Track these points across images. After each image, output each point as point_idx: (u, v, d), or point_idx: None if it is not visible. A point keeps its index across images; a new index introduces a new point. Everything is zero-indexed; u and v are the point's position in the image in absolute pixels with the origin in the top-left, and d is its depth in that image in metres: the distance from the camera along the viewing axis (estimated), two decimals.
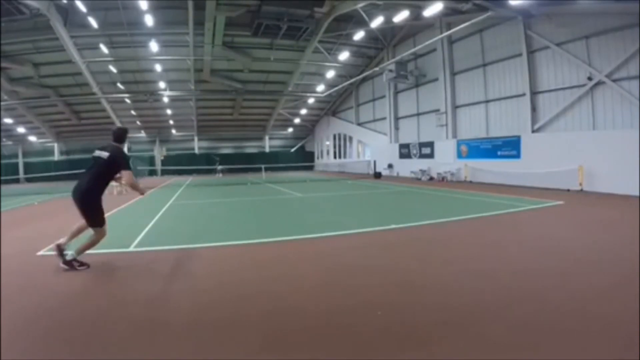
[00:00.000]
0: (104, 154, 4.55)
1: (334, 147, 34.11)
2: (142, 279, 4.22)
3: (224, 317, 3.10)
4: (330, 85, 27.30)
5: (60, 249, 4.48)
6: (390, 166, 24.07)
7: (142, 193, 5.04)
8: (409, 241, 5.74)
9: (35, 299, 3.56)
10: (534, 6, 13.56)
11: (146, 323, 3.00)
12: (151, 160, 32.88)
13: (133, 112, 29.43)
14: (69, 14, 18.14)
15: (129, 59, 22.27)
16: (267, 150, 36.96)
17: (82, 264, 4.51)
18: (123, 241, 5.92)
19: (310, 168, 36.59)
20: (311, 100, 31.13)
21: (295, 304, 3.36)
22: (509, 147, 15.67)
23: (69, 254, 4.49)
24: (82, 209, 4.59)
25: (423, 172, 20.18)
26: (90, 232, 4.63)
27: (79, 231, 4.68)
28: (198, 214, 9.57)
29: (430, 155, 20.48)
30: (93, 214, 4.60)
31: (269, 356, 2.46)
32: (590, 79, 12.89)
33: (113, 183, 4.86)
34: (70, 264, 4.45)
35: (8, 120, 27.53)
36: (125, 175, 4.56)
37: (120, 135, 4.78)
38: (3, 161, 28.78)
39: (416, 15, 17.77)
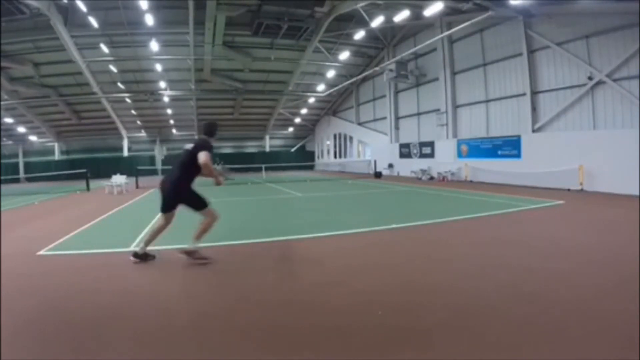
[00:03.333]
0: (189, 146, 4.66)
1: (335, 146, 34.11)
2: (142, 278, 4.22)
3: (219, 317, 3.10)
4: (330, 84, 27.30)
5: (187, 252, 4.62)
6: (390, 166, 24.06)
7: (218, 182, 4.79)
8: (409, 241, 5.75)
9: (35, 299, 3.56)
10: (534, 6, 13.54)
11: (144, 322, 3.00)
12: (152, 160, 32.84)
13: (133, 112, 29.42)
14: (69, 14, 18.15)
15: (130, 59, 22.28)
16: (267, 149, 36.95)
17: (202, 257, 4.60)
18: (123, 241, 5.92)
19: (311, 168, 36.57)
20: (311, 100, 31.12)
21: (293, 304, 3.36)
22: (510, 146, 15.66)
23: (190, 246, 4.58)
24: (175, 200, 4.62)
25: (423, 171, 20.17)
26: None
27: (155, 236, 4.77)
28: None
29: (431, 155, 20.47)
30: (191, 199, 4.62)
31: (268, 356, 2.46)
32: (590, 78, 12.88)
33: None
34: (191, 254, 4.57)
35: (8, 120, 27.54)
36: (201, 156, 4.37)
37: (208, 128, 4.81)
38: (3, 161, 28.78)
39: (416, 15, 17.76)
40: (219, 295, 3.66)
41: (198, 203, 4.62)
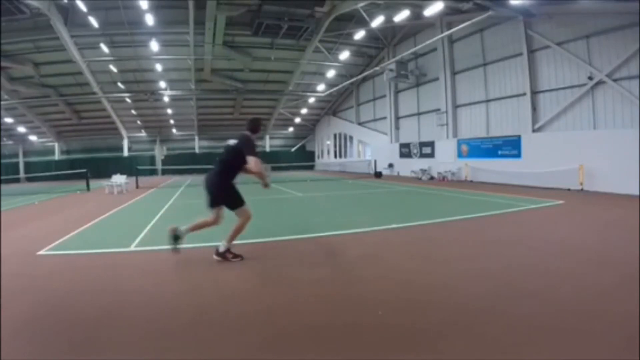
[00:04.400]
0: (233, 142, 4.64)
1: (335, 146, 34.11)
2: (143, 277, 4.22)
3: (219, 317, 3.11)
4: (330, 84, 27.29)
5: (218, 253, 4.66)
6: (390, 166, 24.06)
7: (265, 184, 4.83)
8: (409, 240, 5.74)
9: (35, 299, 3.56)
10: (534, 6, 13.53)
11: (144, 323, 3.00)
12: (152, 160, 32.88)
13: (133, 112, 29.43)
14: (69, 14, 18.17)
15: (130, 59, 22.29)
16: (267, 149, 36.93)
17: (235, 255, 4.64)
18: (123, 241, 5.93)
19: (311, 167, 36.57)
20: (312, 100, 31.11)
21: (294, 303, 3.36)
22: (510, 146, 15.66)
23: (221, 245, 4.62)
24: (217, 195, 4.60)
25: (424, 171, 20.17)
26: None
27: (200, 227, 4.78)
28: (199, 213, 9.54)
29: (431, 155, 20.47)
30: (229, 197, 4.60)
31: (267, 356, 2.46)
32: (590, 78, 12.87)
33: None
34: (224, 256, 4.60)
35: (9, 120, 27.57)
36: (250, 161, 4.45)
37: (252, 125, 4.78)
38: (3, 161, 28.79)
39: (416, 15, 17.76)
40: (218, 296, 3.66)
41: (235, 201, 4.59)
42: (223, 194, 4.58)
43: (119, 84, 24.97)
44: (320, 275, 4.14)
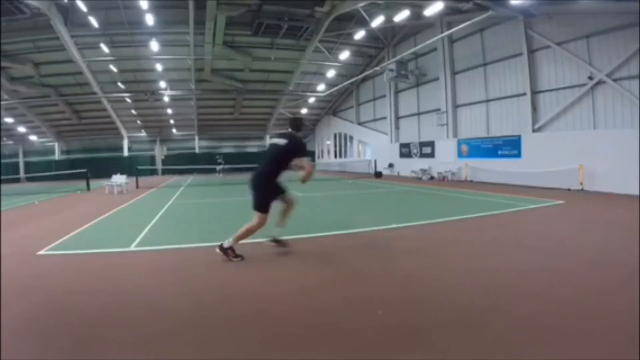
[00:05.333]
0: (282, 141, 4.64)
1: (335, 146, 34.11)
2: (143, 277, 4.21)
3: (219, 317, 3.11)
4: (330, 84, 27.29)
5: (222, 248, 4.67)
6: (390, 165, 24.05)
7: (304, 180, 4.80)
8: (409, 240, 5.74)
9: (35, 299, 3.57)
10: (534, 6, 13.53)
11: (144, 323, 3.00)
12: (152, 160, 32.89)
13: (134, 112, 29.44)
14: (69, 14, 18.17)
15: (130, 59, 22.28)
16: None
17: (236, 255, 4.67)
18: (123, 241, 5.93)
19: None
20: (312, 100, 31.11)
21: (294, 303, 3.36)
22: (510, 146, 15.66)
23: (226, 241, 4.66)
24: (257, 194, 4.66)
25: (424, 171, 20.17)
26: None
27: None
28: (199, 213, 9.57)
29: (431, 155, 20.46)
30: (262, 198, 4.63)
31: (267, 356, 2.46)
32: (590, 78, 12.87)
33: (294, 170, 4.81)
34: (226, 252, 4.62)
35: (9, 120, 27.59)
36: (305, 162, 4.61)
37: (298, 124, 4.90)
38: (3, 160, 28.81)
39: (417, 15, 17.75)
40: (218, 296, 3.65)
41: (262, 204, 4.62)
42: (259, 191, 4.65)
43: (119, 84, 24.97)
44: (319, 274, 4.14)
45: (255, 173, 4.75)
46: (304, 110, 33.56)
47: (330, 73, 25.69)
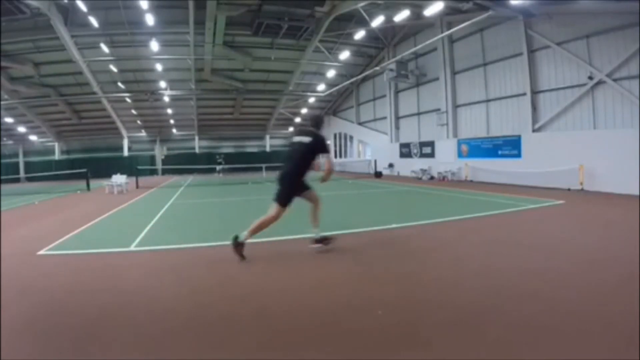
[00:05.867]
0: (306, 139, 4.77)
1: (335, 146, 34.09)
2: (143, 277, 4.22)
3: (219, 317, 3.11)
4: (330, 84, 27.27)
5: (237, 242, 4.66)
6: (390, 165, 24.05)
7: (324, 179, 4.98)
8: (409, 240, 5.74)
9: (35, 299, 3.57)
10: (534, 5, 13.52)
11: (144, 323, 3.00)
12: (152, 160, 32.88)
13: (134, 112, 29.42)
14: (69, 13, 18.17)
15: (130, 59, 22.27)
16: (267, 149, 36.94)
17: (242, 255, 4.65)
18: (124, 241, 5.93)
19: (312, 167, 36.52)
20: (312, 100, 31.08)
21: (294, 303, 3.37)
22: (510, 146, 15.66)
23: (242, 235, 4.69)
24: (283, 187, 4.76)
25: (424, 171, 20.17)
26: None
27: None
28: (199, 213, 9.58)
29: (431, 155, 20.46)
30: (285, 192, 4.73)
31: (267, 355, 2.46)
32: (590, 78, 12.86)
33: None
34: (240, 246, 4.65)
35: (9, 120, 27.55)
36: (329, 158, 4.84)
37: (318, 121, 5.11)
38: (3, 160, 28.79)
39: (417, 15, 17.74)
40: (217, 295, 3.65)
41: (282, 197, 4.71)
42: (286, 187, 4.74)
43: (119, 84, 24.96)
44: (319, 274, 4.15)
45: (283, 171, 4.85)
46: (304, 110, 33.57)
47: (330, 73, 25.68)
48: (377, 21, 18.53)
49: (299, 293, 3.64)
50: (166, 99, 27.32)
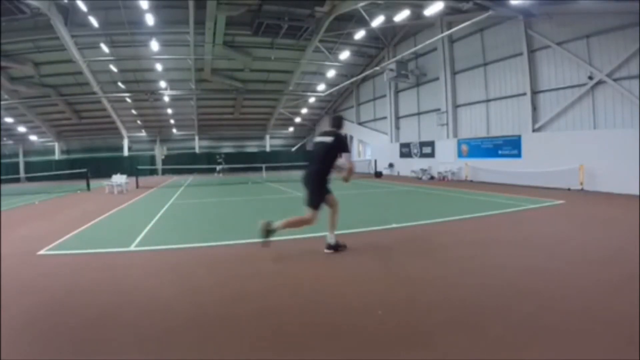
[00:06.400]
0: (328, 139, 4.87)
1: None
2: (143, 277, 4.22)
3: (219, 317, 3.11)
4: (331, 84, 27.29)
5: (267, 229, 4.75)
6: (391, 165, 24.05)
7: (347, 178, 5.09)
8: (409, 240, 5.73)
9: (35, 299, 3.57)
10: (534, 5, 13.52)
11: (144, 323, 3.00)
12: (152, 160, 32.88)
13: (134, 112, 29.44)
14: (69, 13, 18.18)
15: (130, 59, 22.29)
16: (267, 149, 36.94)
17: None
18: (124, 241, 5.93)
19: None
20: (312, 100, 31.11)
21: (294, 303, 3.37)
22: (510, 146, 15.66)
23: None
24: (310, 190, 4.85)
25: (424, 171, 20.17)
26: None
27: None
28: (199, 213, 9.57)
29: (431, 155, 20.46)
30: (314, 194, 4.81)
31: (267, 355, 2.46)
32: (591, 78, 12.86)
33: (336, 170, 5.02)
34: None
35: (9, 120, 27.57)
36: (346, 157, 4.90)
37: (339, 122, 5.19)
38: (3, 160, 28.80)
39: (417, 15, 17.75)
40: (217, 295, 3.65)
41: (314, 201, 4.79)
42: (314, 189, 4.82)
43: (119, 84, 24.97)
44: (319, 274, 4.14)
45: (307, 172, 4.93)
46: (304, 110, 33.59)
47: (330, 73, 25.69)
48: (377, 21, 18.54)
49: (299, 293, 3.64)
50: (166, 99, 27.33)
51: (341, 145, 4.86)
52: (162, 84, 25.35)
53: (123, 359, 2.47)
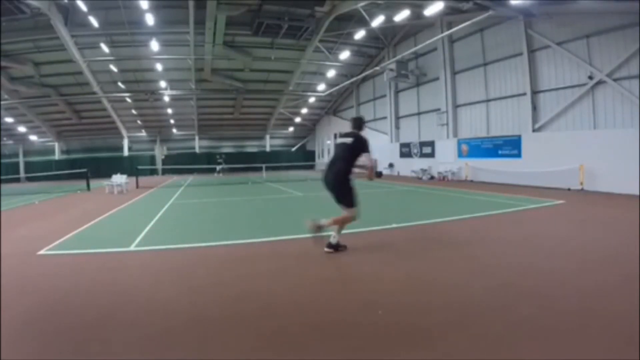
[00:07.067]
0: (348, 140, 4.98)
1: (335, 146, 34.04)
2: (143, 277, 4.21)
3: (219, 317, 3.11)
4: (331, 84, 27.28)
5: (317, 226, 4.87)
6: (391, 165, 24.05)
7: (370, 177, 5.15)
8: (409, 240, 5.73)
9: (35, 299, 3.57)
10: (534, 5, 13.52)
11: (144, 323, 3.00)
12: (152, 160, 32.89)
13: (134, 112, 29.43)
14: (69, 13, 18.16)
15: (130, 58, 22.27)
16: (267, 149, 36.95)
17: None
18: (124, 241, 5.93)
19: (312, 167, 36.56)
20: (312, 100, 31.10)
21: (294, 303, 3.37)
22: (510, 146, 15.65)
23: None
24: (336, 191, 4.93)
25: (424, 171, 20.17)
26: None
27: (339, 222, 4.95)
28: (199, 213, 9.57)
29: (431, 155, 20.46)
30: (345, 195, 4.89)
31: (267, 355, 2.46)
32: (591, 78, 12.86)
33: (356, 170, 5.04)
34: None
35: (9, 120, 27.57)
36: (366, 157, 4.92)
37: (359, 123, 5.27)
38: (3, 160, 28.79)
39: (417, 15, 17.74)
40: (218, 295, 3.65)
41: (349, 200, 4.85)
42: (340, 190, 4.89)
43: (119, 84, 24.96)
44: (319, 274, 4.14)
45: (329, 173, 5.00)
46: (304, 110, 33.58)
47: (331, 73, 25.69)
48: (377, 21, 18.53)
49: (298, 293, 3.63)
50: (166, 98, 27.33)
51: (360, 145, 4.91)
52: (162, 84, 25.35)
53: (123, 359, 2.47)
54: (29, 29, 18.57)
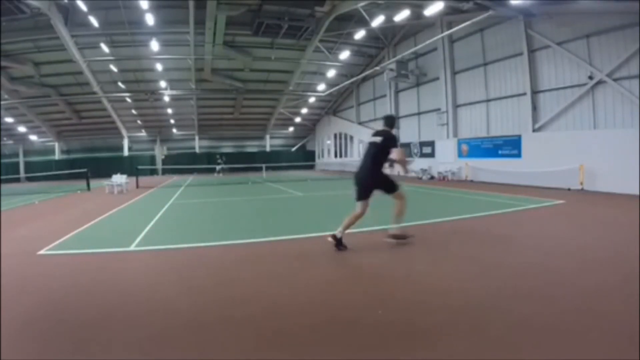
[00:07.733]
0: (379, 139, 5.29)
1: (335, 146, 34.08)
2: (143, 277, 4.21)
3: (219, 317, 3.11)
4: (331, 84, 27.28)
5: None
6: (391, 165, 23.99)
7: (406, 169, 5.65)
8: (407, 241, 5.72)
9: (35, 299, 3.57)
10: (534, 5, 13.52)
11: (144, 323, 3.00)
12: (152, 160, 32.89)
13: (134, 112, 29.44)
14: (69, 13, 18.17)
15: (130, 58, 22.28)
16: (267, 149, 36.95)
17: (403, 236, 5.37)
18: (124, 241, 5.92)
19: (312, 167, 36.57)
20: (312, 100, 31.09)
21: (294, 303, 3.36)
22: (510, 146, 15.65)
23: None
24: (374, 186, 5.24)
25: (424, 171, 20.17)
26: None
27: (352, 221, 5.28)
28: (199, 213, 9.57)
29: (431, 155, 20.46)
30: (386, 183, 5.26)
31: (267, 355, 2.46)
32: (591, 78, 12.86)
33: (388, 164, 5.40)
34: (398, 236, 5.31)
35: (9, 120, 27.58)
36: (395, 152, 5.24)
37: (392, 121, 5.64)
38: (3, 160, 28.80)
39: (417, 15, 17.74)
40: (217, 295, 3.65)
41: (391, 185, 5.26)
42: (381, 183, 5.24)
43: (119, 84, 24.96)
44: (320, 274, 4.14)
45: (358, 172, 5.37)
46: (304, 110, 33.57)
47: (331, 73, 25.69)
48: (377, 21, 18.53)
49: (298, 293, 3.63)
50: (166, 98, 27.33)
51: (390, 142, 5.22)
52: (162, 83, 25.36)
53: (123, 359, 2.47)
54: (29, 29, 18.57)
